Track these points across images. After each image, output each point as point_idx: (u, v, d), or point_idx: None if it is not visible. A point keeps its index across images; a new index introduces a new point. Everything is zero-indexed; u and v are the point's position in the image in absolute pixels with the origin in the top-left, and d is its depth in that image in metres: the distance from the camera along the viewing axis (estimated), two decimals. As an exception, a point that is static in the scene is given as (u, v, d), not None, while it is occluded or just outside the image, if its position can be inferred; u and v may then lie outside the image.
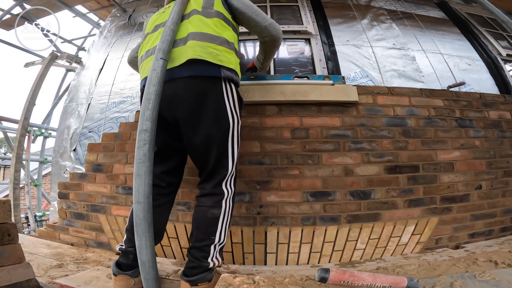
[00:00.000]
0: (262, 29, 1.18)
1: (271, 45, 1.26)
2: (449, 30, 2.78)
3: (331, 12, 2.70)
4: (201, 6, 1.09)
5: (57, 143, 2.65)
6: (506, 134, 1.69)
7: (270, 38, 1.21)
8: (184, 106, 0.99)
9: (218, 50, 1.02)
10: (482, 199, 1.57)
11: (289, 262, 1.42)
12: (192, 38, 1.01)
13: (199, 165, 1.08)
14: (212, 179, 1.04)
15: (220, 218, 1.00)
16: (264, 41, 1.24)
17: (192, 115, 0.99)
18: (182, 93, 0.98)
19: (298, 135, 1.49)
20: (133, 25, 3.08)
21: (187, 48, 0.99)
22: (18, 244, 0.90)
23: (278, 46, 1.27)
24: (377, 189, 1.46)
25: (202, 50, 0.99)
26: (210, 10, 1.09)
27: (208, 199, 1.02)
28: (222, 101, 1.02)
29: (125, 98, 2.52)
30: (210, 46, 1.01)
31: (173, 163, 1.12)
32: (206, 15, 1.07)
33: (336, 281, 0.78)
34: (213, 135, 1.01)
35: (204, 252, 0.98)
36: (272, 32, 1.19)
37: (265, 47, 1.29)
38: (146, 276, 0.78)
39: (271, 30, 1.18)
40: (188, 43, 1.00)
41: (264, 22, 1.16)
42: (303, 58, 2.36)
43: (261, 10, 1.19)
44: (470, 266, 0.98)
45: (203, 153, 1.03)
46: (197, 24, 1.04)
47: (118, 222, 1.57)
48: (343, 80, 1.64)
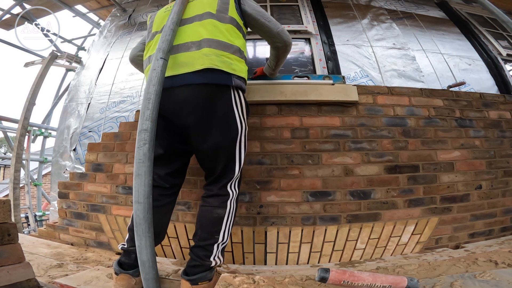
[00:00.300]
0: (274, 35, 1.20)
1: (283, 51, 1.28)
2: (449, 30, 2.78)
3: (331, 11, 2.69)
4: (215, 10, 1.08)
5: (57, 142, 2.65)
6: (506, 134, 1.69)
7: (282, 44, 1.23)
8: (195, 112, 0.99)
9: (231, 59, 1.03)
10: (482, 199, 1.57)
11: (289, 262, 1.42)
12: (208, 45, 1.01)
13: (207, 169, 1.10)
14: (219, 182, 1.06)
15: (225, 218, 1.02)
16: (276, 46, 1.26)
17: (202, 122, 1.00)
18: (194, 100, 0.99)
19: (298, 135, 1.49)
20: (133, 24, 3.08)
21: (203, 55, 0.99)
22: (18, 244, 0.90)
23: (289, 51, 1.30)
24: (377, 189, 1.46)
25: (218, 59, 1.00)
26: (225, 15, 1.08)
27: (214, 199, 1.04)
28: (231, 109, 1.04)
29: (125, 97, 2.52)
30: (224, 54, 1.02)
31: (178, 165, 1.13)
32: (220, 19, 1.07)
33: (336, 281, 0.78)
34: (222, 142, 1.03)
35: (207, 251, 0.99)
36: (284, 38, 1.21)
37: (277, 53, 1.31)
38: (146, 276, 0.78)
39: (283, 36, 1.20)
40: (204, 50, 1.00)
41: (276, 29, 1.19)
42: (303, 58, 2.36)
43: (272, 17, 1.21)
44: (470, 266, 0.98)
45: (212, 158, 1.05)
46: (211, 30, 1.04)
47: (118, 222, 1.57)
48: (343, 80, 1.64)
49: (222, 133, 1.02)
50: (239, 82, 1.06)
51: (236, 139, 1.05)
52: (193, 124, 1.00)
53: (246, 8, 1.15)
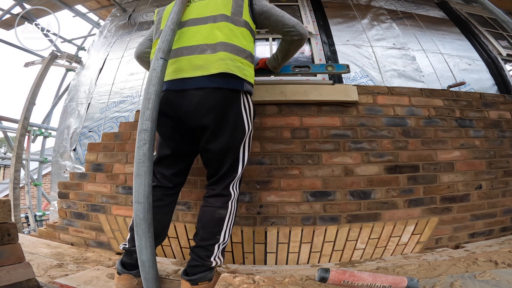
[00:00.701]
0: (291, 28, 1.17)
1: (297, 44, 1.24)
2: (449, 30, 2.78)
3: (331, 11, 2.69)
4: (230, 12, 1.07)
5: (57, 142, 2.65)
6: (506, 134, 1.69)
7: (299, 37, 1.19)
8: (211, 114, 1.00)
9: (243, 64, 1.05)
10: (482, 199, 1.57)
11: (289, 262, 1.42)
12: (224, 49, 1.01)
13: (213, 168, 1.10)
14: (222, 181, 1.07)
15: (226, 219, 1.03)
16: (292, 39, 1.21)
17: (217, 123, 1.02)
18: (209, 102, 1.00)
19: (298, 135, 1.49)
20: (133, 24, 3.08)
21: (219, 60, 0.99)
22: (18, 244, 0.90)
23: (303, 45, 1.27)
24: (377, 189, 1.46)
25: (233, 64, 1.01)
26: (239, 18, 1.08)
27: (217, 200, 1.05)
28: (240, 112, 1.05)
29: (125, 97, 2.52)
30: (238, 60, 1.03)
31: (183, 165, 1.14)
32: (235, 23, 1.07)
33: (336, 281, 0.78)
34: (230, 143, 1.05)
35: (209, 251, 0.99)
36: (301, 31, 1.18)
37: (290, 47, 1.26)
38: (146, 276, 0.78)
39: (299, 29, 1.17)
40: (220, 53, 1.00)
41: (291, 22, 1.16)
42: (303, 58, 2.36)
43: (284, 11, 1.19)
44: (470, 266, 0.98)
45: (219, 159, 1.07)
46: (227, 33, 1.04)
47: (118, 222, 1.57)
48: (347, 69, 1.55)
49: (231, 134, 1.04)
50: (249, 87, 1.09)
51: (242, 140, 1.07)
52: (209, 124, 1.01)
53: (258, 7, 1.14)
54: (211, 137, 1.04)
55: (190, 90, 0.99)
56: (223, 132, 1.03)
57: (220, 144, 1.04)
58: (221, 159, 1.06)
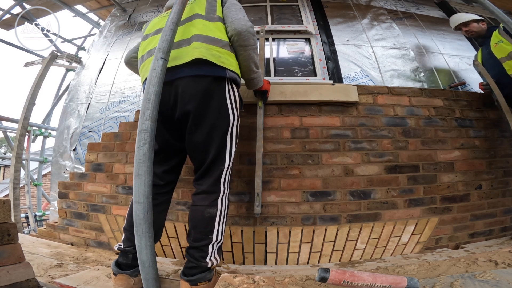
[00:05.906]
0: (229, 24, 1.09)
1: (239, 44, 1.09)
2: (449, 30, 2.77)
3: (331, 11, 2.69)
4: (205, 11, 1.11)
5: (57, 142, 2.65)
6: (506, 134, 1.69)
7: (232, 32, 1.07)
8: (193, 101, 1.01)
9: (220, 53, 1.05)
10: (482, 199, 1.57)
11: (289, 262, 1.42)
12: (197, 39, 1.04)
13: (198, 160, 1.09)
14: (209, 175, 1.05)
15: (217, 217, 1.02)
16: (232, 40, 1.10)
17: (199, 110, 1.02)
18: (191, 90, 1.01)
19: (298, 135, 1.49)
20: (133, 24, 3.08)
21: (192, 48, 1.02)
22: (18, 244, 0.90)
23: (247, 44, 1.08)
24: (377, 189, 1.46)
25: (207, 52, 1.02)
26: (213, 15, 1.12)
27: (204, 197, 1.03)
28: (224, 100, 1.05)
29: (125, 97, 2.52)
30: (213, 48, 1.04)
31: (174, 162, 1.14)
32: (210, 19, 1.10)
33: (336, 281, 0.78)
34: (214, 131, 1.04)
35: (203, 251, 0.99)
36: (235, 25, 1.06)
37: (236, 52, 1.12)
38: (146, 276, 0.78)
39: (235, 25, 1.06)
40: (193, 43, 1.03)
41: (232, 18, 1.09)
42: (303, 58, 2.36)
43: (244, 13, 1.14)
44: (470, 266, 0.98)
45: (203, 149, 1.05)
46: (201, 28, 1.07)
47: (118, 222, 1.57)
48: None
49: (214, 123, 1.03)
50: (233, 74, 1.08)
51: (227, 128, 1.06)
52: (191, 110, 1.01)
53: (224, 2, 1.18)
54: (193, 126, 1.03)
55: (174, 81, 1.00)
56: (205, 119, 1.02)
57: (203, 133, 1.03)
58: (205, 149, 1.04)
